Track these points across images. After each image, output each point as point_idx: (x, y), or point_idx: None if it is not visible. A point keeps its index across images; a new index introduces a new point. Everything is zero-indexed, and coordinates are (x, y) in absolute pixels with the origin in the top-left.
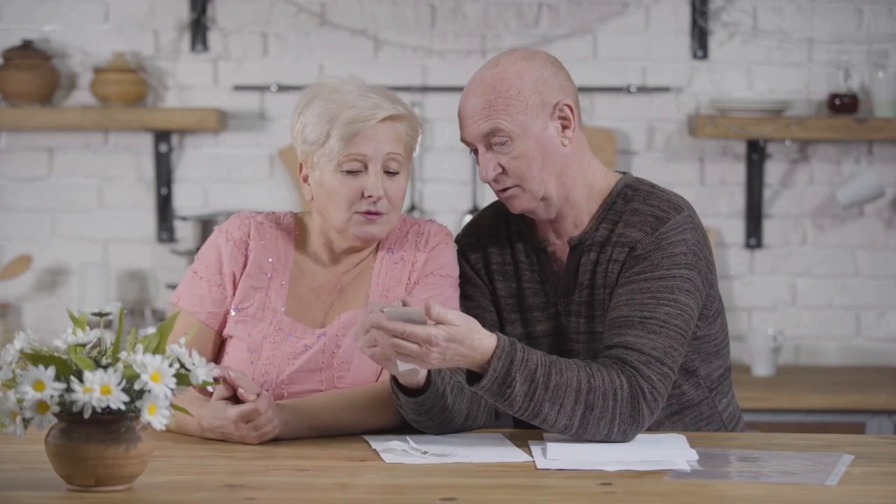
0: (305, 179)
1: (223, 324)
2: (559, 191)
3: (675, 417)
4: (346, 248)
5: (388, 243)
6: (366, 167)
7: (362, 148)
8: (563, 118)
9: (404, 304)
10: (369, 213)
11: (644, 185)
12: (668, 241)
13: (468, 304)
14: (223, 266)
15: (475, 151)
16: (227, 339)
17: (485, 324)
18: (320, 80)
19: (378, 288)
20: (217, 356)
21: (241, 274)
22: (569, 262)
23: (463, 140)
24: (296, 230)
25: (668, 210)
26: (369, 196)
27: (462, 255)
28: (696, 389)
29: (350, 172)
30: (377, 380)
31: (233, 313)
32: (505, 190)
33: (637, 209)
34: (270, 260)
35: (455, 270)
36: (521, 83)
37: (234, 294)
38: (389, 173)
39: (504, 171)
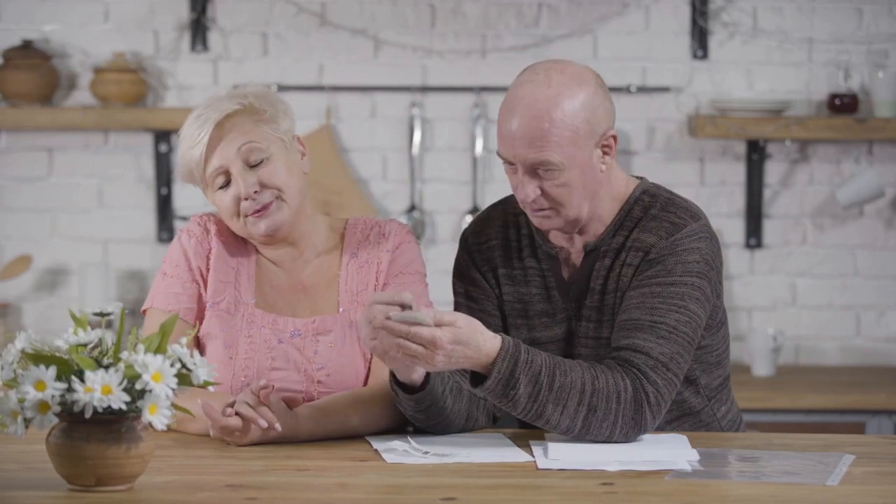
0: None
1: (200, 320)
2: (590, 211)
3: (675, 423)
4: (273, 249)
5: (352, 247)
6: (229, 174)
7: (214, 162)
8: (606, 146)
9: (402, 306)
10: (255, 211)
11: (662, 191)
12: (682, 248)
13: (472, 307)
14: (191, 262)
15: (510, 166)
16: (202, 338)
17: (488, 328)
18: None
19: (347, 293)
20: None
21: (207, 268)
22: (582, 267)
23: (501, 155)
24: None
25: (686, 217)
26: (245, 198)
27: (469, 256)
28: (695, 397)
29: (222, 187)
30: (365, 383)
31: (208, 309)
32: (540, 210)
33: (655, 215)
34: (233, 255)
35: (422, 266)
36: (575, 110)
37: (205, 289)
38: (256, 165)
39: (544, 195)
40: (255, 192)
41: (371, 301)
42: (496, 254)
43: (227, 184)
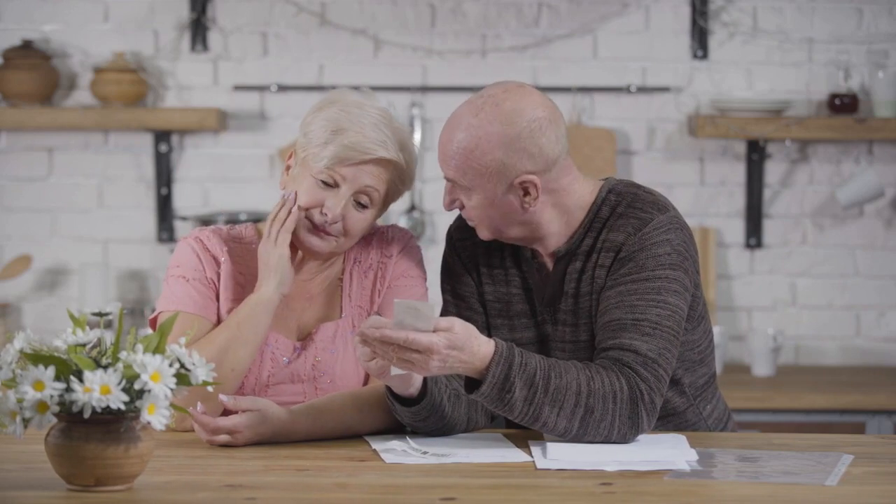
0: (288, 168)
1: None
2: (525, 232)
3: (658, 423)
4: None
5: (355, 253)
6: (338, 186)
7: (345, 171)
8: (524, 189)
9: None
10: (318, 228)
11: (628, 187)
12: (651, 242)
13: (460, 304)
14: (206, 271)
15: None
16: None
17: (475, 326)
18: (345, 91)
19: (349, 298)
20: None
21: (219, 282)
22: (555, 271)
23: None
24: (258, 241)
25: (652, 211)
26: (325, 213)
27: (455, 253)
28: (680, 397)
29: (322, 183)
30: (365, 384)
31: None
32: (469, 219)
33: (621, 213)
34: (241, 271)
35: (423, 271)
36: (489, 149)
37: (217, 301)
38: (359, 204)
39: (463, 207)
40: (335, 222)
41: (365, 323)
42: (479, 251)
43: (328, 185)
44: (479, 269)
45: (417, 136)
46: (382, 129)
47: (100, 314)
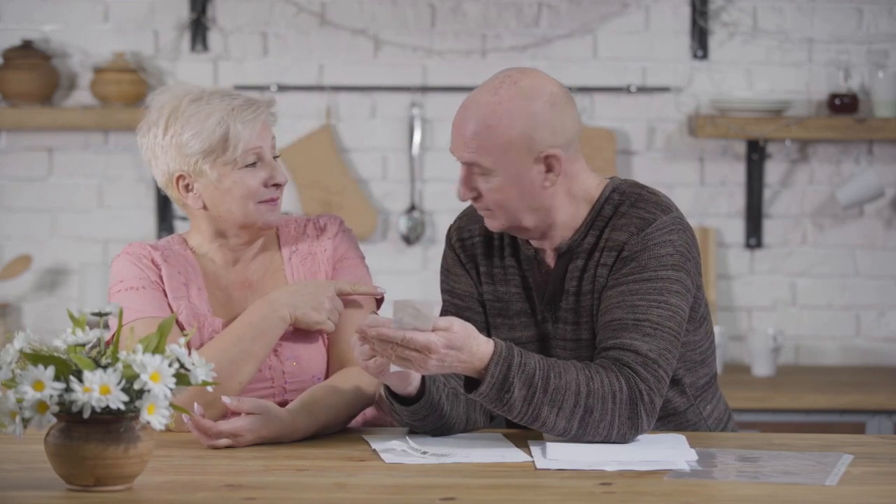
0: (188, 189)
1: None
2: (538, 221)
3: (658, 423)
4: (242, 243)
5: (289, 243)
6: (261, 158)
7: (256, 141)
8: (548, 164)
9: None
10: (272, 199)
11: (632, 187)
12: (654, 242)
13: (459, 304)
14: (150, 276)
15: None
16: None
17: (474, 325)
18: (164, 96)
19: None
20: None
21: (163, 286)
22: (556, 269)
23: (451, 151)
24: (188, 246)
25: (655, 211)
26: (275, 184)
27: (455, 253)
28: (681, 397)
29: (249, 166)
30: (327, 367)
31: None
32: (485, 209)
33: (624, 213)
34: (180, 271)
35: (360, 251)
36: (513, 123)
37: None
38: (274, 158)
39: (482, 197)
40: (286, 181)
41: (365, 322)
42: (478, 251)
43: (254, 163)
44: (479, 268)
45: (417, 136)
46: (235, 94)
47: (100, 314)
